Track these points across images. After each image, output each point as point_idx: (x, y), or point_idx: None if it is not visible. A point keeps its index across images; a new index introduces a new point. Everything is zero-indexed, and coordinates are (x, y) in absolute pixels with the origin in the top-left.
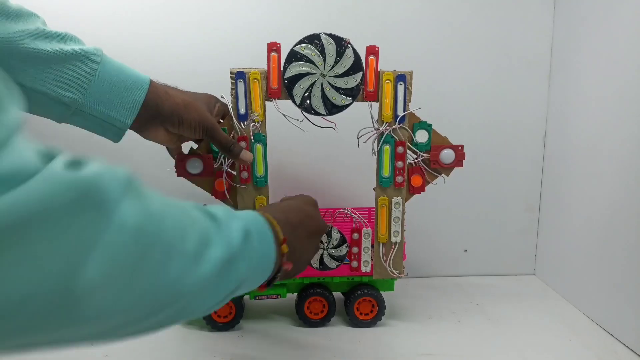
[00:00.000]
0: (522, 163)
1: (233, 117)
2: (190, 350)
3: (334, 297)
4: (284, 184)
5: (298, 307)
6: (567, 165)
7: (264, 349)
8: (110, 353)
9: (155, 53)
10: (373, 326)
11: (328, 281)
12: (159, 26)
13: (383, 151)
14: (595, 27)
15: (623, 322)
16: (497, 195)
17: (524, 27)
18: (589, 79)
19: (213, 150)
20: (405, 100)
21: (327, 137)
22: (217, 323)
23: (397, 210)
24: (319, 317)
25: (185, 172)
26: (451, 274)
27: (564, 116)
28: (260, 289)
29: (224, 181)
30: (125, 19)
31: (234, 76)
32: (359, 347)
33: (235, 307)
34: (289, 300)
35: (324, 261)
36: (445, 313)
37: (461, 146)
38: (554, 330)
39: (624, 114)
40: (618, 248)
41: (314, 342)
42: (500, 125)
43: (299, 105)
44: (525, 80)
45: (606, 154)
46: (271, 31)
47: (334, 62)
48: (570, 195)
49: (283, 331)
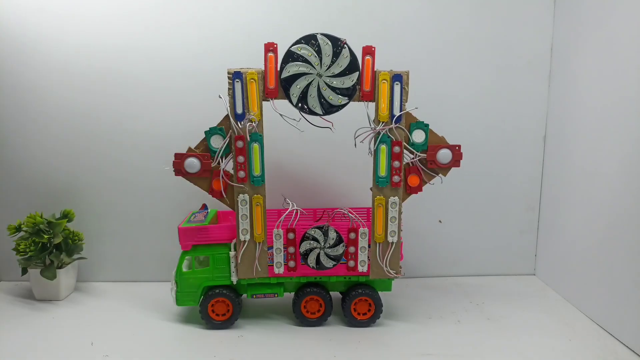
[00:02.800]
0: (522, 163)
1: (230, 117)
2: (190, 350)
3: (330, 296)
4: (281, 184)
5: (295, 306)
6: (567, 165)
7: (264, 349)
8: (110, 353)
9: (154, 53)
10: (370, 326)
11: (325, 280)
12: (157, 26)
13: (380, 151)
14: (595, 27)
15: (623, 322)
16: (497, 195)
17: (524, 27)
18: (589, 79)
19: (210, 150)
20: (402, 100)
21: (324, 136)
22: (215, 321)
23: (394, 210)
24: (316, 317)
25: (183, 171)
26: (451, 274)
27: (564, 116)
28: None
29: (220, 180)
30: (124, 19)
31: (231, 76)
32: (359, 347)
33: (233, 306)
34: (286, 299)
35: (321, 260)
36: (445, 313)
37: (458, 146)
38: (554, 330)
39: (624, 114)
40: (618, 248)
41: (315, 342)
42: (500, 125)
43: (296, 105)
44: (525, 80)
45: (606, 154)
46: (268, 32)
47: (330, 62)
48: (570, 195)
49: (283, 331)
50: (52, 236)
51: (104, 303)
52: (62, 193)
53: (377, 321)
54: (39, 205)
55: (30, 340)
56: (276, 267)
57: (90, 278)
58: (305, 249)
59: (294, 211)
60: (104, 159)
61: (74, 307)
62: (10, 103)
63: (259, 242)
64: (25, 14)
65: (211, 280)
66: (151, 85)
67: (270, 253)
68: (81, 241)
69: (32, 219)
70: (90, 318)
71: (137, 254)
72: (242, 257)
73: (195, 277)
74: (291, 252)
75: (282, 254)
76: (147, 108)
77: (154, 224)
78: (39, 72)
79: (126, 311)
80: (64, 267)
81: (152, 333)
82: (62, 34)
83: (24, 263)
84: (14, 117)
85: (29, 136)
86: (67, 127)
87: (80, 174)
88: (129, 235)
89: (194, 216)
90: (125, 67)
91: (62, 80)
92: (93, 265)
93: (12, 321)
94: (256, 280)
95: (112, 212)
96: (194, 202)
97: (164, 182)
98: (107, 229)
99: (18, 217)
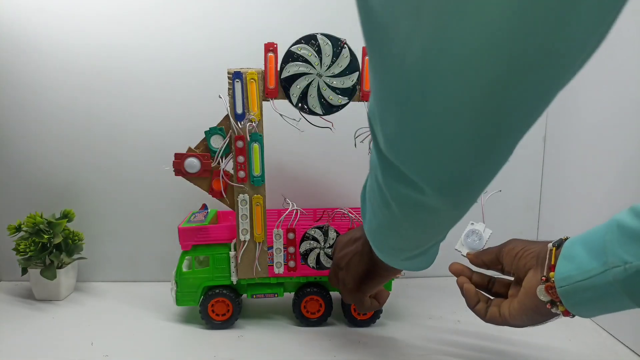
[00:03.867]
0: (522, 163)
1: (230, 117)
2: (190, 350)
3: (330, 296)
4: (281, 184)
5: (295, 306)
6: (567, 165)
7: (264, 349)
8: (110, 353)
9: (154, 53)
10: (370, 325)
11: (325, 280)
12: (157, 26)
13: None
14: None
15: (623, 322)
16: (497, 195)
17: None
18: (589, 79)
19: (210, 150)
20: None
21: (324, 136)
22: (215, 321)
23: None
24: (316, 317)
25: (183, 171)
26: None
27: (564, 116)
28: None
29: (220, 180)
30: (124, 19)
31: (231, 76)
32: (360, 347)
33: (233, 306)
34: (286, 299)
35: (320, 260)
36: (445, 313)
37: None
38: (554, 330)
39: (624, 114)
40: None
41: (315, 342)
42: None
43: (296, 105)
44: None
45: (606, 154)
46: (268, 32)
47: (330, 62)
48: (570, 195)
49: (283, 331)
50: (52, 236)
51: (104, 303)
52: (62, 193)
53: (377, 321)
54: (39, 205)
55: (30, 340)
56: (276, 267)
57: (90, 278)
58: (305, 249)
59: (294, 211)
60: (104, 158)
61: (74, 307)
62: (10, 103)
63: (259, 242)
64: (25, 14)
65: (211, 280)
66: (151, 85)
67: (270, 253)
68: (81, 241)
69: (32, 219)
70: (90, 318)
71: (137, 254)
72: (242, 257)
73: (195, 277)
74: (291, 252)
75: (282, 254)
76: (148, 108)
77: (154, 224)
78: (39, 71)
79: (126, 311)
80: (64, 267)
81: (152, 333)
82: (62, 33)
83: (24, 263)
84: (14, 117)
85: (29, 136)
86: (67, 126)
87: (81, 174)
88: (129, 235)
89: (194, 216)
90: (126, 67)
91: (62, 80)
92: (93, 265)
93: (12, 321)
94: (256, 280)
95: (112, 212)
96: (194, 202)
97: (164, 182)
98: (107, 229)
99: (18, 217)
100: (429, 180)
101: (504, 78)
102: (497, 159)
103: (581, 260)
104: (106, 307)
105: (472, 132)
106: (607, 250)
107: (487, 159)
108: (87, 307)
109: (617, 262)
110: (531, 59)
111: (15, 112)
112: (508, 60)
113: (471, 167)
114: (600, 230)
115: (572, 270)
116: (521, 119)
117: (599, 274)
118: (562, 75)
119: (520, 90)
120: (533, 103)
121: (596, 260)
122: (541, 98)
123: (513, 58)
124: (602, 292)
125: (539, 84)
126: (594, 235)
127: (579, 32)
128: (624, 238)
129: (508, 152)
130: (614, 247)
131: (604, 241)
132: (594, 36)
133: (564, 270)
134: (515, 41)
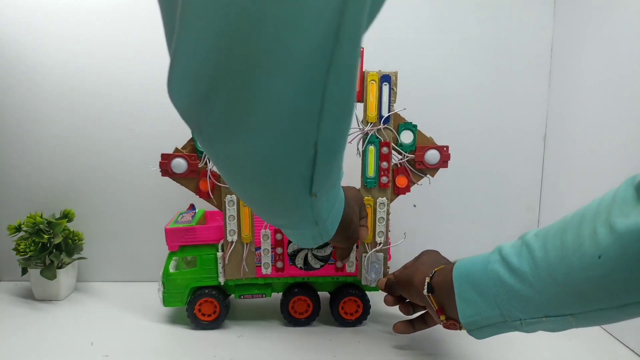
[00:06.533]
0: (522, 163)
1: None
2: (190, 350)
3: (318, 296)
4: None
5: (283, 306)
6: (567, 165)
7: (264, 349)
8: (110, 353)
9: (154, 53)
10: (357, 326)
11: (313, 281)
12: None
13: (368, 152)
14: (595, 27)
15: (623, 322)
16: (497, 196)
17: (524, 27)
18: (589, 79)
19: (197, 150)
20: (390, 100)
21: None
22: (201, 321)
23: (382, 211)
24: (304, 317)
25: (170, 171)
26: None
27: (564, 116)
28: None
29: (208, 181)
30: (123, 19)
31: None
32: (360, 347)
33: (220, 306)
34: (273, 299)
35: (308, 261)
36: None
37: (446, 147)
38: None
39: (624, 114)
40: None
41: (315, 342)
42: (500, 125)
43: None
44: (525, 80)
45: (606, 154)
46: None
47: None
48: (570, 195)
49: (283, 331)
50: (52, 236)
51: (104, 303)
52: (62, 193)
53: (364, 321)
54: (39, 205)
55: (30, 340)
56: (264, 268)
57: (90, 278)
58: (293, 250)
59: None
60: (104, 159)
61: (74, 307)
62: (10, 103)
63: (246, 243)
64: (26, 15)
65: (199, 281)
66: (152, 84)
67: (258, 254)
68: (81, 241)
69: (32, 219)
70: (90, 318)
71: (137, 254)
72: (230, 258)
73: (182, 277)
74: (279, 253)
75: (270, 254)
76: (148, 108)
77: (154, 224)
78: (38, 72)
79: (126, 311)
80: (64, 267)
81: (152, 333)
82: (62, 33)
83: (24, 263)
84: (14, 117)
85: (29, 136)
86: (67, 127)
87: (80, 174)
88: (129, 235)
89: (182, 216)
90: (126, 67)
91: (62, 80)
92: (93, 265)
93: (12, 321)
94: (244, 280)
95: (112, 212)
96: (194, 202)
97: (164, 183)
98: (107, 229)
99: (18, 217)
100: (181, 107)
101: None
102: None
103: (479, 306)
104: (106, 307)
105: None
106: (500, 305)
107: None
108: (87, 307)
109: (514, 317)
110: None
111: (15, 113)
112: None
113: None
114: (482, 275)
115: (474, 315)
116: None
117: (501, 322)
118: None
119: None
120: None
121: (492, 310)
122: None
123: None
124: (511, 328)
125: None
126: (479, 277)
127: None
128: (508, 297)
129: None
130: (504, 305)
131: (494, 294)
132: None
133: (467, 314)
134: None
